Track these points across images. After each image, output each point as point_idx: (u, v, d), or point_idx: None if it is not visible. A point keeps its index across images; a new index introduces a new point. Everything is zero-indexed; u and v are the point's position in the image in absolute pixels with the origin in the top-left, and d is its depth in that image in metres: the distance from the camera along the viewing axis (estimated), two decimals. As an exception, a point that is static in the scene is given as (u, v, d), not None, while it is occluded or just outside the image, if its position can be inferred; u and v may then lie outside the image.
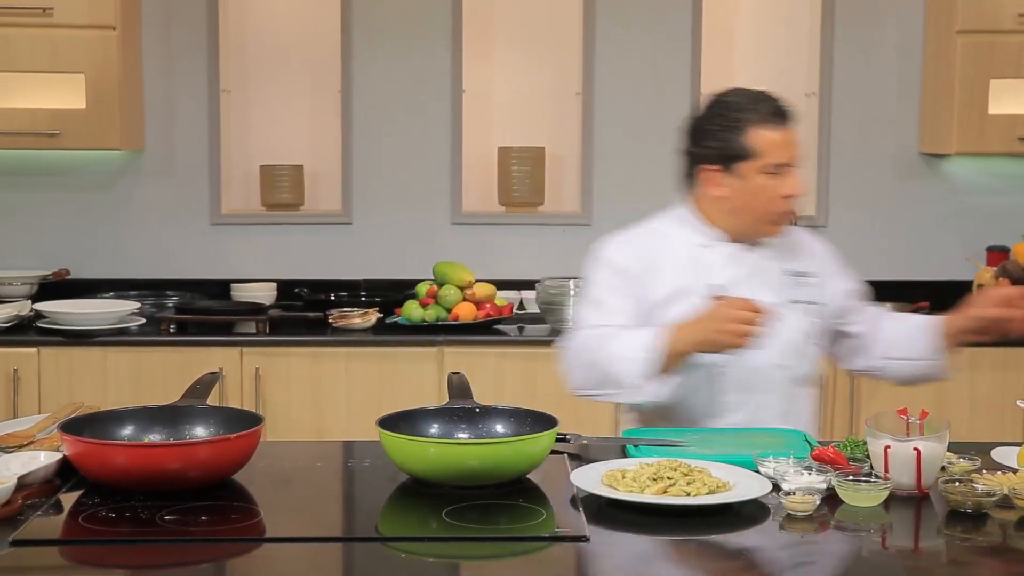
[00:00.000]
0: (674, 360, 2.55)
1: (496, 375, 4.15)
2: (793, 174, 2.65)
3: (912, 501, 2.17)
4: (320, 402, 4.18)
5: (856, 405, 4.20)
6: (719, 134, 2.64)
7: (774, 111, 2.63)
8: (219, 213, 4.75)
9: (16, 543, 1.91)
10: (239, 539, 1.98)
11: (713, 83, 4.72)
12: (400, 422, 2.30)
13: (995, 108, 4.37)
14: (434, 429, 2.34)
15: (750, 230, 2.71)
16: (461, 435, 2.35)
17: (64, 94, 4.34)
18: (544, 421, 2.30)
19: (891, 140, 4.76)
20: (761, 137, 2.61)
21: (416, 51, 4.72)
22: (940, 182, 4.76)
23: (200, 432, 2.30)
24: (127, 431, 2.28)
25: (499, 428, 2.36)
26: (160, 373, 4.10)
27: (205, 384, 2.43)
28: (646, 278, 2.70)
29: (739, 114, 2.63)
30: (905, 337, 2.78)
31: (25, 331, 4.19)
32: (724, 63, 4.83)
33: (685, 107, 4.71)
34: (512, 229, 4.82)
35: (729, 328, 2.46)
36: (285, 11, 4.84)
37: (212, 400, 4.04)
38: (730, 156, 2.64)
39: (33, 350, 4.11)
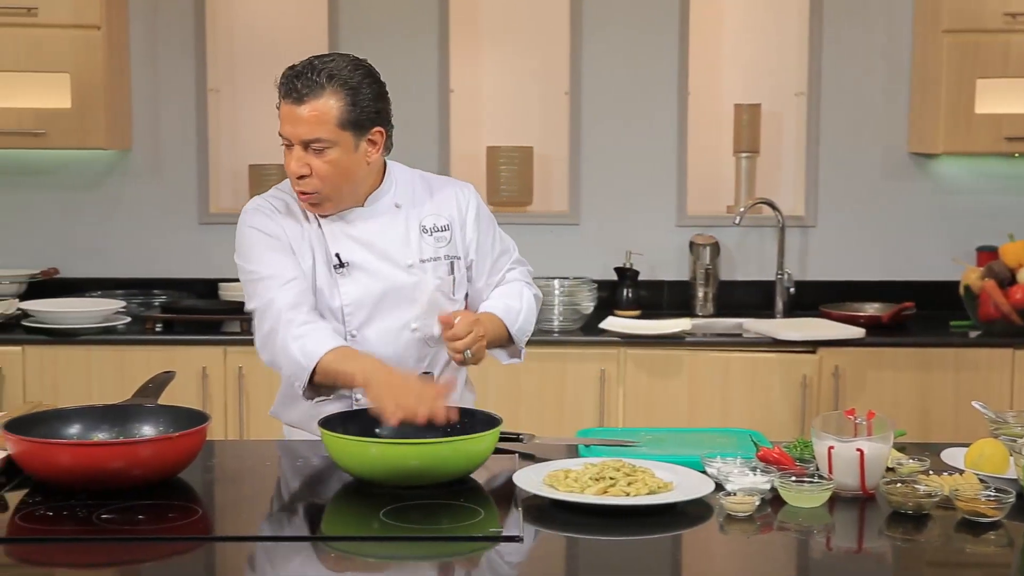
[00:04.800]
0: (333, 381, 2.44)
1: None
2: (292, 153, 2.52)
3: (856, 502, 2.16)
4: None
5: (841, 406, 4.17)
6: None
7: (287, 84, 2.51)
8: (207, 212, 4.76)
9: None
10: (176, 538, 1.98)
11: (701, 83, 4.76)
12: (346, 422, 2.30)
13: (981, 107, 4.33)
14: (380, 429, 2.34)
15: None
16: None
17: (49, 94, 4.36)
18: (491, 421, 2.30)
19: (880, 140, 4.72)
20: (281, 106, 2.53)
21: (404, 50, 4.72)
22: (928, 182, 4.72)
23: (148, 431, 2.31)
24: (74, 430, 2.29)
25: (445, 428, 2.35)
26: (144, 372, 4.01)
27: (158, 383, 2.43)
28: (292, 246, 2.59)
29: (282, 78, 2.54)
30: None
31: (11, 330, 4.21)
32: (712, 63, 4.81)
33: (672, 107, 4.71)
34: (501, 229, 4.79)
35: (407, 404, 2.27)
36: (273, 10, 4.84)
37: (194, 398, 4.09)
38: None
39: (18, 349, 4.13)
